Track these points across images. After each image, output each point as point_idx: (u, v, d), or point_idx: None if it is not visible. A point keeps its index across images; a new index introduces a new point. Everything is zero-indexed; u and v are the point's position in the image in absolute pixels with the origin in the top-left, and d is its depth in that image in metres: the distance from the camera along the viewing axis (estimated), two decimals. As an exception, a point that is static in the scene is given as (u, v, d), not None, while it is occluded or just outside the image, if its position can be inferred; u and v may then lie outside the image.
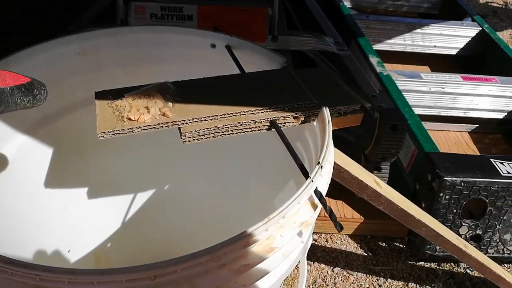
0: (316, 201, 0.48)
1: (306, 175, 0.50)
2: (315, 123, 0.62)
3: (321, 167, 0.48)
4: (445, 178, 0.99)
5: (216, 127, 0.58)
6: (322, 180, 0.49)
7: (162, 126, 0.57)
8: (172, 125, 0.57)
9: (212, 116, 0.58)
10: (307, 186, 0.46)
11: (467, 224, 1.05)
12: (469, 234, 1.06)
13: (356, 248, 1.22)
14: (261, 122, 0.60)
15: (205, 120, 0.58)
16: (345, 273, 1.15)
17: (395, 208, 0.76)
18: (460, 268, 1.15)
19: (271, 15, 1.33)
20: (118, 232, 1.02)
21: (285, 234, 0.44)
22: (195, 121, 0.58)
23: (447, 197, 1.01)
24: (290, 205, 0.44)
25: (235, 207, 0.99)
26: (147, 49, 0.79)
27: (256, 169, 0.92)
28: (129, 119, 0.56)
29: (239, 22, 1.34)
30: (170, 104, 0.60)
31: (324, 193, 0.49)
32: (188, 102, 0.60)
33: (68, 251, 0.91)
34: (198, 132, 0.58)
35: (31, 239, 0.80)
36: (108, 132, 0.55)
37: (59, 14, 1.83)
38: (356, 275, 1.15)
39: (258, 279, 0.44)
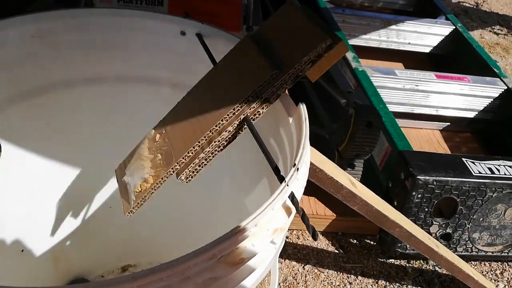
0: (291, 205, 0.44)
1: (281, 179, 0.46)
2: (290, 119, 0.58)
3: (297, 169, 0.45)
4: (418, 177, 0.98)
5: (200, 158, 0.54)
6: (297, 183, 0.46)
7: (162, 183, 0.54)
8: (167, 177, 0.54)
9: (192, 149, 0.54)
10: (281, 191, 0.42)
11: (438, 223, 1.05)
12: (439, 233, 1.07)
13: (328, 245, 1.20)
14: (234, 126, 0.55)
15: (187, 155, 0.54)
16: (316, 270, 1.13)
17: (369, 208, 0.74)
18: (429, 266, 1.16)
19: (246, 4, 1.28)
20: (79, 229, 0.96)
21: (257, 243, 0.41)
22: (182, 162, 0.53)
23: (419, 195, 1.00)
24: (263, 211, 0.40)
25: (204, 208, 0.95)
26: (109, 34, 0.73)
27: (226, 166, 0.88)
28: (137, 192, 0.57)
29: (212, 11, 1.29)
30: (159, 156, 0.56)
31: (299, 197, 0.45)
32: (171, 143, 0.56)
33: (22, 251, 0.85)
34: (190, 170, 0.54)
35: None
36: (131, 211, 0.58)
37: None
38: (327, 272, 1.13)
39: (226, 292, 0.41)
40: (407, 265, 1.16)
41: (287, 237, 1.21)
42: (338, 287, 1.10)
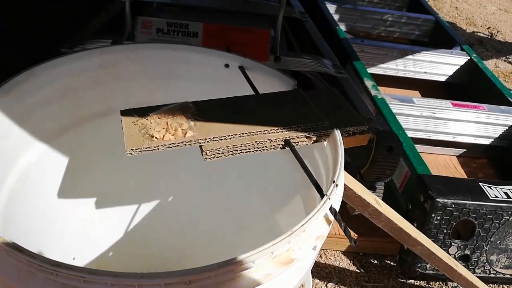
0: (331, 217, 0.52)
1: (321, 192, 0.54)
2: (325, 143, 0.67)
3: (336, 185, 0.52)
4: (437, 200, 1.04)
5: (235, 145, 0.62)
6: (336, 198, 0.53)
7: (185, 144, 0.60)
8: (195, 143, 0.61)
9: (232, 135, 0.62)
10: (324, 203, 0.50)
11: (457, 244, 1.10)
12: (458, 254, 1.11)
13: (349, 264, 1.25)
14: (276, 141, 0.64)
15: (224, 139, 0.62)
16: (338, 288, 1.18)
17: (393, 226, 0.81)
18: (449, 287, 1.20)
19: (274, 36, 1.38)
20: (121, 242, 1.04)
21: (303, 247, 0.48)
22: (216, 140, 0.61)
23: (438, 217, 1.06)
24: (309, 220, 0.48)
25: (236, 221, 1.02)
26: (163, 65, 0.83)
27: (259, 185, 0.95)
28: (154, 137, 0.60)
29: (242, 41, 1.39)
30: (192, 123, 0.63)
31: (337, 210, 0.53)
32: (208, 121, 0.64)
33: (74, 259, 0.93)
34: (219, 150, 0.61)
35: (39, 246, 0.81)
36: (135, 149, 0.58)
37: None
38: (349, 291, 1.18)
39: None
40: (427, 285, 1.21)
41: (310, 255, 1.26)
42: (360, 304, 1.15)
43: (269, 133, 0.64)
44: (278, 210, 0.87)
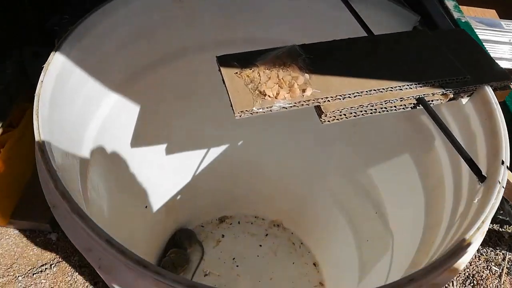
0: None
1: (479, 174, 0.43)
2: (464, 101, 0.55)
3: (507, 167, 0.42)
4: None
5: (361, 105, 0.51)
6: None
7: (303, 104, 0.49)
8: (313, 102, 0.50)
9: (357, 92, 0.51)
10: (498, 192, 0.40)
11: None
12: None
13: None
14: (408, 99, 0.52)
15: (348, 97, 0.50)
16: None
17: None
18: (525, 233, 1.14)
19: None
20: (188, 186, 0.99)
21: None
22: (338, 99, 0.50)
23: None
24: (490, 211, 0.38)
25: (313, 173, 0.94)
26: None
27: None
28: (267, 95, 0.49)
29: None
30: (307, 75, 0.51)
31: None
32: (325, 73, 0.52)
33: (146, 207, 0.89)
34: (340, 112, 0.50)
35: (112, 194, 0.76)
36: (245, 111, 0.48)
37: None
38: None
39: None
40: (501, 230, 1.15)
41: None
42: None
43: (401, 89, 0.52)
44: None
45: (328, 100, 0.50)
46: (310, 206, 1.06)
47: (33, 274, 1.05)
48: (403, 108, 0.53)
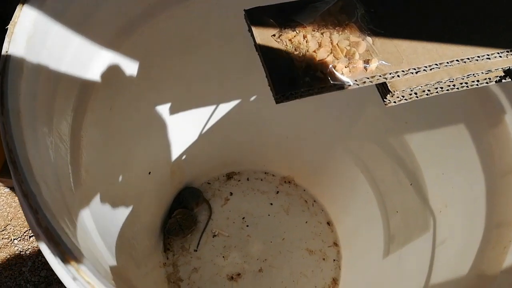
0: None
1: None
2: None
3: None
4: None
5: (439, 82, 0.38)
6: None
7: (365, 82, 0.37)
8: (378, 79, 0.37)
9: (435, 64, 0.38)
10: None
11: None
12: None
13: None
14: (496, 71, 0.40)
15: (424, 70, 0.38)
16: None
17: None
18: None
19: None
20: (193, 146, 0.88)
21: None
22: (411, 73, 0.38)
23: None
24: None
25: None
26: None
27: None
28: (316, 69, 0.36)
29: None
30: (369, 39, 0.38)
31: None
32: (393, 36, 0.39)
33: (149, 173, 0.79)
34: (411, 90, 0.38)
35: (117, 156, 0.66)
36: (291, 94, 0.35)
37: None
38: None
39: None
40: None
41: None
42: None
43: (489, 58, 0.39)
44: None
45: (398, 76, 0.38)
46: (326, 162, 0.96)
47: (30, 237, 0.98)
48: (486, 83, 0.41)
